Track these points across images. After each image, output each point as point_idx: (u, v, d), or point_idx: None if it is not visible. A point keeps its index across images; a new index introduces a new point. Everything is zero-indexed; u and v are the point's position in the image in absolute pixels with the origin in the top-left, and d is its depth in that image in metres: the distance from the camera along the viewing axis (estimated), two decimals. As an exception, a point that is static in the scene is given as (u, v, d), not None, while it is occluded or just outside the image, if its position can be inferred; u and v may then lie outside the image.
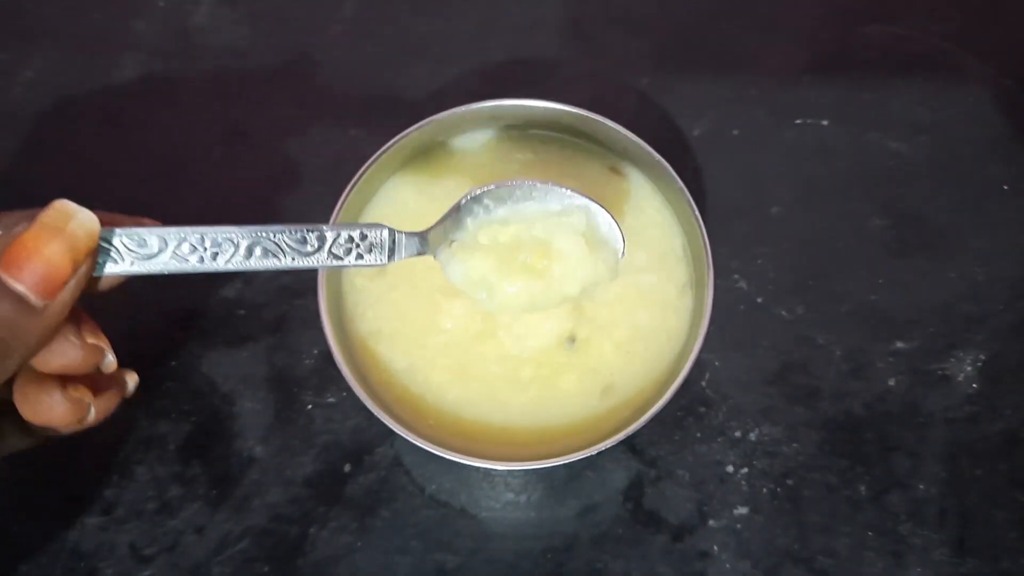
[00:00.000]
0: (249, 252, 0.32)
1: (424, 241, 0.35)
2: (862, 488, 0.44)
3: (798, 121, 0.52)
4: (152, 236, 0.31)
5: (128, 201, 0.33)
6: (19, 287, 0.28)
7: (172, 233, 0.31)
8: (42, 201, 0.30)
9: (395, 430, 0.37)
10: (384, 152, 0.41)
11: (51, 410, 0.30)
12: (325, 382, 0.45)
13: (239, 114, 0.51)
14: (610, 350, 0.41)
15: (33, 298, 0.28)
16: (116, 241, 0.31)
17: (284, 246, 0.32)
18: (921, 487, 0.44)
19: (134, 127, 0.51)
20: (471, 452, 0.37)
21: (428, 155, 0.44)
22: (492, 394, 0.40)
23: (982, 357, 0.46)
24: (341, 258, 0.33)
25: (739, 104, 0.52)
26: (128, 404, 0.44)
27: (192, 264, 0.31)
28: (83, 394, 0.31)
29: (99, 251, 0.30)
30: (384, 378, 0.40)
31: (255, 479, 0.44)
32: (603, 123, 0.41)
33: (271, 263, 0.32)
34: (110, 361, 0.32)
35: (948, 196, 0.50)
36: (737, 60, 0.53)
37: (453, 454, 0.37)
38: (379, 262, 0.34)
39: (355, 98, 0.52)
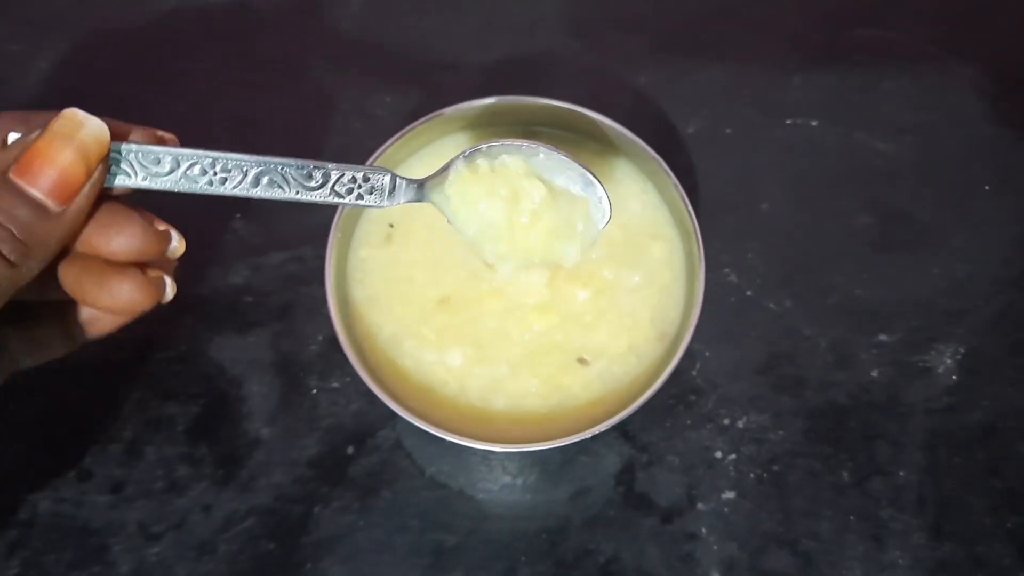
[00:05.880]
0: (256, 181, 0.33)
1: (421, 188, 0.37)
2: (845, 474, 0.45)
3: (788, 121, 0.53)
4: (166, 155, 0.32)
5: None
6: (37, 194, 0.29)
7: (185, 154, 0.32)
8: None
9: (395, 410, 0.38)
10: (387, 148, 0.42)
11: (132, 293, 0.32)
12: (330, 367, 0.46)
13: (247, 105, 0.53)
14: (603, 338, 0.42)
15: (51, 204, 0.29)
16: (131, 157, 0.32)
17: (290, 179, 0.34)
18: (901, 474, 0.45)
19: (147, 117, 0.52)
20: (469, 434, 0.38)
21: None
22: (495, 379, 0.41)
23: (962, 350, 0.48)
24: (342, 196, 0.34)
25: (732, 104, 0.53)
26: (138, 388, 0.46)
27: (200, 186, 0.33)
28: (159, 274, 0.33)
29: (113, 164, 0.31)
30: (375, 347, 0.41)
31: (261, 460, 0.45)
32: (600, 120, 0.42)
33: (275, 193, 0.33)
34: (175, 247, 0.33)
35: (932, 195, 0.51)
36: (731, 60, 0.55)
37: (451, 435, 0.38)
38: (377, 204, 0.35)
39: (357, 95, 0.53)
